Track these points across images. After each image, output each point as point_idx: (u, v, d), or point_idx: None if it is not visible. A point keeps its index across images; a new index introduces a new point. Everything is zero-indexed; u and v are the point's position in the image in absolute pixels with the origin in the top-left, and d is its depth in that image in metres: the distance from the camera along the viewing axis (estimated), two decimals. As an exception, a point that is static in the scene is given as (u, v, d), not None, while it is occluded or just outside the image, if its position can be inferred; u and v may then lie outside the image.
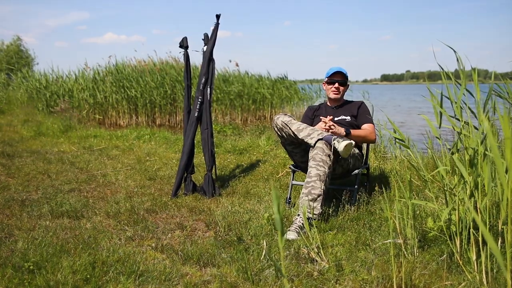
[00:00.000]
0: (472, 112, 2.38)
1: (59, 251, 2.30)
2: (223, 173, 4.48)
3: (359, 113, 3.47)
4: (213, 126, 7.65)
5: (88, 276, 2.00)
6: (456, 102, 2.17)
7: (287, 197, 3.35)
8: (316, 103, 3.84)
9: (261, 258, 2.23)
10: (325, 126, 3.15)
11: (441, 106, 2.17)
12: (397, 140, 2.85)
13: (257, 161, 4.89)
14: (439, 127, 2.23)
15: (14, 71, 14.39)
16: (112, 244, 2.48)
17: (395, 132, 2.53)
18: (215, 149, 4.19)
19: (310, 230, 2.57)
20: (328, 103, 3.65)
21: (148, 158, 5.23)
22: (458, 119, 2.26)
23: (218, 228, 2.75)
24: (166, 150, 5.76)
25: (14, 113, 9.74)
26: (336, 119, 3.47)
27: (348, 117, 3.46)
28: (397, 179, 3.45)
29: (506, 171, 1.77)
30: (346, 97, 3.73)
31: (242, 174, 4.33)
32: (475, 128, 2.41)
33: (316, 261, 2.23)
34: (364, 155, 3.67)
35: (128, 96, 10.91)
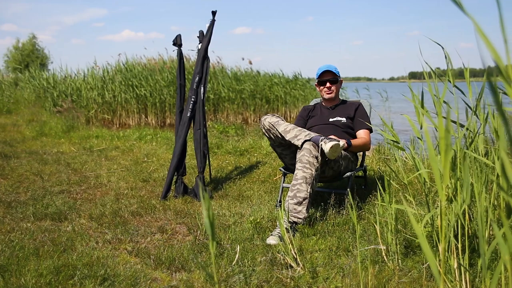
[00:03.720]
0: (470, 108, 2.35)
1: (31, 254, 2.36)
2: (219, 174, 4.50)
3: (355, 116, 3.44)
4: (216, 126, 7.71)
5: (53, 280, 2.04)
6: (439, 98, 2.15)
7: (277, 200, 3.35)
8: (312, 103, 3.83)
9: (233, 264, 2.23)
10: None
11: (422, 106, 2.15)
12: (391, 141, 2.83)
13: (257, 163, 4.89)
14: (421, 128, 2.20)
15: (22, 70, 14.68)
16: (88, 247, 2.52)
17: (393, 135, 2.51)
18: (209, 150, 4.22)
19: (289, 234, 2.57)
20: (323, 104, 3.63)
21: (146, 159, 5.29)
22: (454, 122, 2.24)
23: (199, 232, 2.77)
24: (166, 151, 5.81)
25: (21, 113, 9.96)
26: (331, 120, 3.45)
27: (344, 119, 3.43)
28: (378, 183, 3.43)
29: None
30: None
31: (238, 176, 4.34)
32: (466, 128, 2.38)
33: (292, 267, 2.23)
34: (361, 157, 3.65)
35: (138, 95, 11.03)
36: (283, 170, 3.36)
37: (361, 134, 3.38)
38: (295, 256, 2.27)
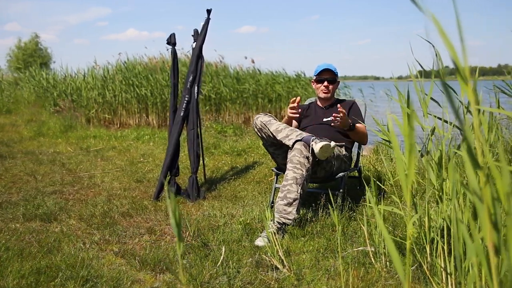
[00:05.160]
0: (462, 103, 2.35)
1: (15, 255, 2.37)
2: (214, 175, 4.51)
3: (349, 115, 3.44)
4: (214, 126, 7.72)
5: (34, 281, 2.06)
6: (426, 96, 2.14)
7: (269, 201, 3.35)
8: (307, 102, 3.83)
9: (217, 265, 2.24)
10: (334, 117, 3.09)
11: (408, 106, 2.14)
12: (383, 141, 2.83)
13: (254, 163, 4.90)
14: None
15: (22, 69, 14.78)
16: (74, 248, 2.54)
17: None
18: (205, 151, 4.23)
19: (278, 236, 2.58)
20: (318, 103, 3.63)
21: (142, 159, 5.31)
22: (439, 118, 2.24)
23: (188, 233, 2.78)
24: (163, 151, 5.82)
25: (20, 113, 10.02)
26: (324, 120, 3.45)
27: (338, 119, 3.43)
28: (366, 184, 3.42)
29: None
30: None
31: (234, 177, 4.35)
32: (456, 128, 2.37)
33: (278, 269, 2.23)
34: (356, 157, 3.64)
35: (138, 95, 11.05)
36: (275, 170, 3.36)
37: (362, 128, 3.37)
38: (281, 258, 2.28)
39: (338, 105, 3.14)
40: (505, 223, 0.92)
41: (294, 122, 3.54)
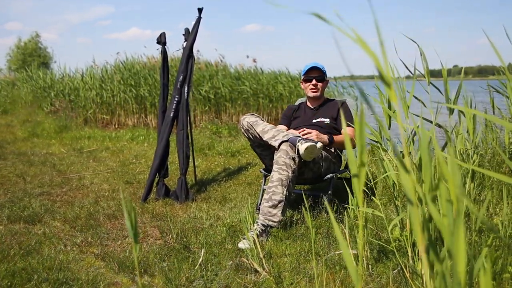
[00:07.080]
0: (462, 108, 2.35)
1: (-6, 257, 2.39)
2: (206, 176, 4.52)
3: (338, 116, 3.44)
4: (209, 126, 7.73)
5: (9, 284, 2.07)
6: (409, 96, 2.14)
7: (257, 203, 3.36)
8: (297, 102, 3.84)
9: (195, 268, 2.25)
10: (303, 133, 3.13)
11: (389, 107, 2.15)
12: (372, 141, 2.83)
13: (247, 164, 4.91)
14: (389, 128, 2.21)
15: (19, 69, 14.89)
16: (54, 250, 2.55)
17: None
18: (195, 152, 4.24)
19: (262, 238, 2.59)
20: (308, 103, 3.63)
21: (135, 160, 5.33)
22: (417, 116, 2.24)
23: (170, 235, 2.79)
24: (157, 152, 5.85)
25: (17, 113, 10.08)
26: (314, 121, 3.45)
27: (327, 119, 3.43)
28: (347, 186, 3.42)
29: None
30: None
31: (225, 178, 4.36)
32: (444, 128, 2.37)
33: (258, 272, 2.24)
34: (346, 159, 3.64)
35: (137, 95, 11.07)
36: (263, 171, 3.37)
37: (346, 131, 3.37)
38: (263, 261, 2.28)
39: (304, 129, 3.16)
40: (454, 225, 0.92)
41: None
